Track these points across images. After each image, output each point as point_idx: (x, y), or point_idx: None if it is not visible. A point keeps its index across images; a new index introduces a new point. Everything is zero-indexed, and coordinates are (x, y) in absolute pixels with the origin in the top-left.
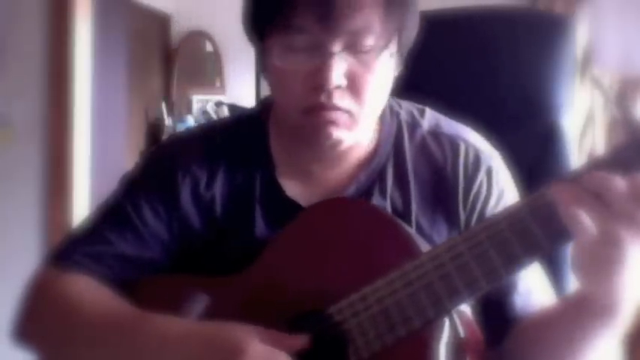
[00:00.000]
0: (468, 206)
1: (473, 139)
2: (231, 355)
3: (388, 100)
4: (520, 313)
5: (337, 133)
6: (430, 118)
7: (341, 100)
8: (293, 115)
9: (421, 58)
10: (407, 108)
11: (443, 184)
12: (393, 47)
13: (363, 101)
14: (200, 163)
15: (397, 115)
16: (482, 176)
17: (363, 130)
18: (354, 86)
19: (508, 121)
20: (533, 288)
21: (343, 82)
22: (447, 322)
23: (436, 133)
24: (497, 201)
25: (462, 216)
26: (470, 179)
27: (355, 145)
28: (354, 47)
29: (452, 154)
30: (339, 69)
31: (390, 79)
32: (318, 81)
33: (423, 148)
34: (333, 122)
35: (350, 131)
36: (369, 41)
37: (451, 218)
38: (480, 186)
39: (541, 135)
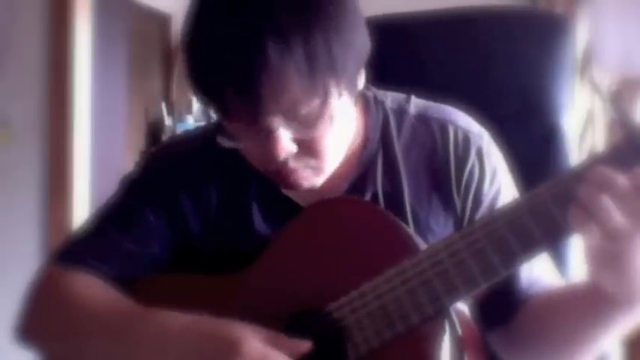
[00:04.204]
0: (462, 188)
1: (461, 120)
2: (227, 352)
3: (372, 91)
4: (525, 291)
5: (306, 184)
6: (417, 103)
7: (298, 162)
8: (260, 169)
9: (421, 58)
10: (392, 96)
11: (435, 169)
12: (334, 97)
13: (321, 156)
14: (196, 164)
15: (382, 103)
16: (473, 158)
17: (336, 165)
18: (306, 148)
19: (508, 121)
20: (538, 267)
21: (293, 148)
22: (445, 320)
23: (424, 118)
24: (491, 180)
25: (457, 199)
26: (461, 162)
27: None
28: (291, 118)
29: (441, 137)
30: (283, 142)
31: (346, 114)
32: (267, 155)
33: (412, 134)
34: (298, 179)
35: (319, 177)
36: (304, 109)
37: (447, 202)
38: (472, 167)
39: (541, 135)
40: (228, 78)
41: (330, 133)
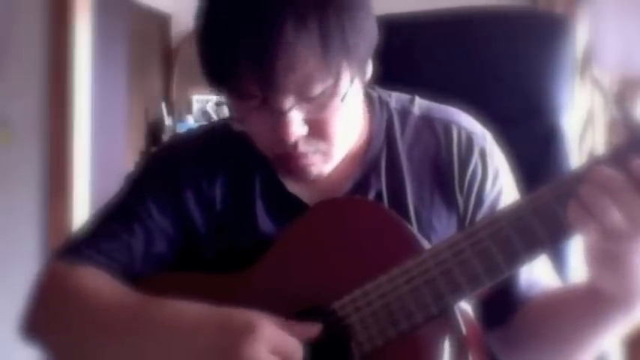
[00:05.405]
0: (465, 189)
1: (464, 121)
2: (243, 335)
3: (377, 91)
4: (525, 292)
5: (315, 170)
6: (420, 104)
7: (308, 145)
8: (268, 155)
9: (421, 59)
10: (396, 96)
11: (438, 169)
12: (346, 79)
13: (331, 139)
14: (201, 163)
15: (387, 104)
16: (476, 158)
17: (343, 155)
18: (316, 130)
19: (508, 121)
20: (538, 269)
21: (304, 130)
22: (449, 319)
23: (428, 119)
24: (494, 181)
25: (460, 199)
26: (464, 162)
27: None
28: (304, 98)
29: (445, 138)
30: (294, 123)
31: (356, 101)
32: (278, 137)
33: (415, 135)
34: (306, 165)
35: (328, 164)
36: (317, 89)
37: (449, 201)
38: (475, 168)
39: (541, 135)
40: (245, 52)
41: (340, 116)
